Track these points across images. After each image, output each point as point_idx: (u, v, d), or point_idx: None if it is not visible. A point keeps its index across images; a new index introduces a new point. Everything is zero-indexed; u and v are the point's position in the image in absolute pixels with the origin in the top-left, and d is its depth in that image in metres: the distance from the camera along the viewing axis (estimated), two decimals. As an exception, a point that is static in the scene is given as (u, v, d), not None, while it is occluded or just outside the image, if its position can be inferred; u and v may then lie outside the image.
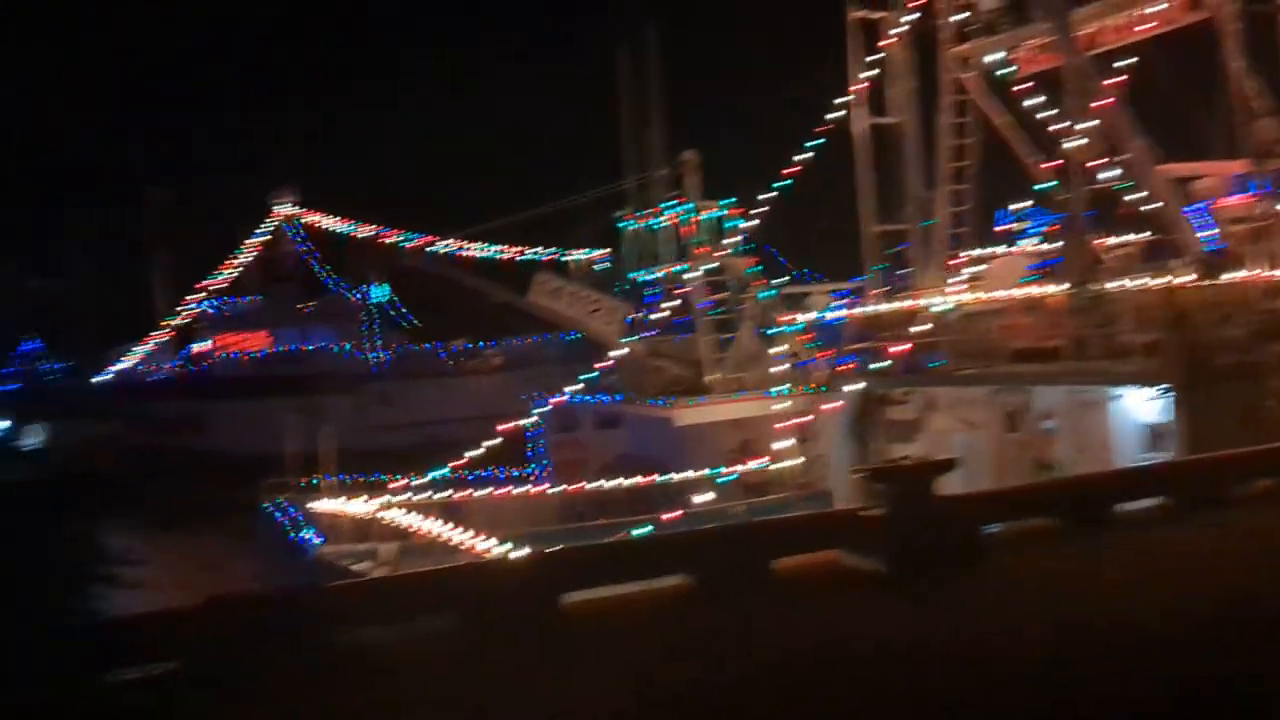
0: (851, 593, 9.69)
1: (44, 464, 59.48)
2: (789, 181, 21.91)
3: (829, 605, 9.46)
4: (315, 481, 23.19)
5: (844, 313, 20.79)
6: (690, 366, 24.16)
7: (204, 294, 55.73)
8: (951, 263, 22.14)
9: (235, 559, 32.15)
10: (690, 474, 20.61)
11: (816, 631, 8.99)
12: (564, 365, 52.50)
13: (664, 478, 20.39)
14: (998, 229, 23.65)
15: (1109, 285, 16.84)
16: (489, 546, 12.86)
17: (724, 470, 21.60)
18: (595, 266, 48.36)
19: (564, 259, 52.19)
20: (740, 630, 9.07)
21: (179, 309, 56.71)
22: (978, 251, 22.60)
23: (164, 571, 34.31)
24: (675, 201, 25.46)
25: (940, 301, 19.74)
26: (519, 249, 55.42)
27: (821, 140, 21.89)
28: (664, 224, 25.73)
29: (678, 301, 24.67)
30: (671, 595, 9.44)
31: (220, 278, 55.68)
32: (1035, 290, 17.89)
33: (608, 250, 51.72)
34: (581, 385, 25.85)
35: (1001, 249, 23.09)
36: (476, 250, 50.02)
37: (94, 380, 58.71)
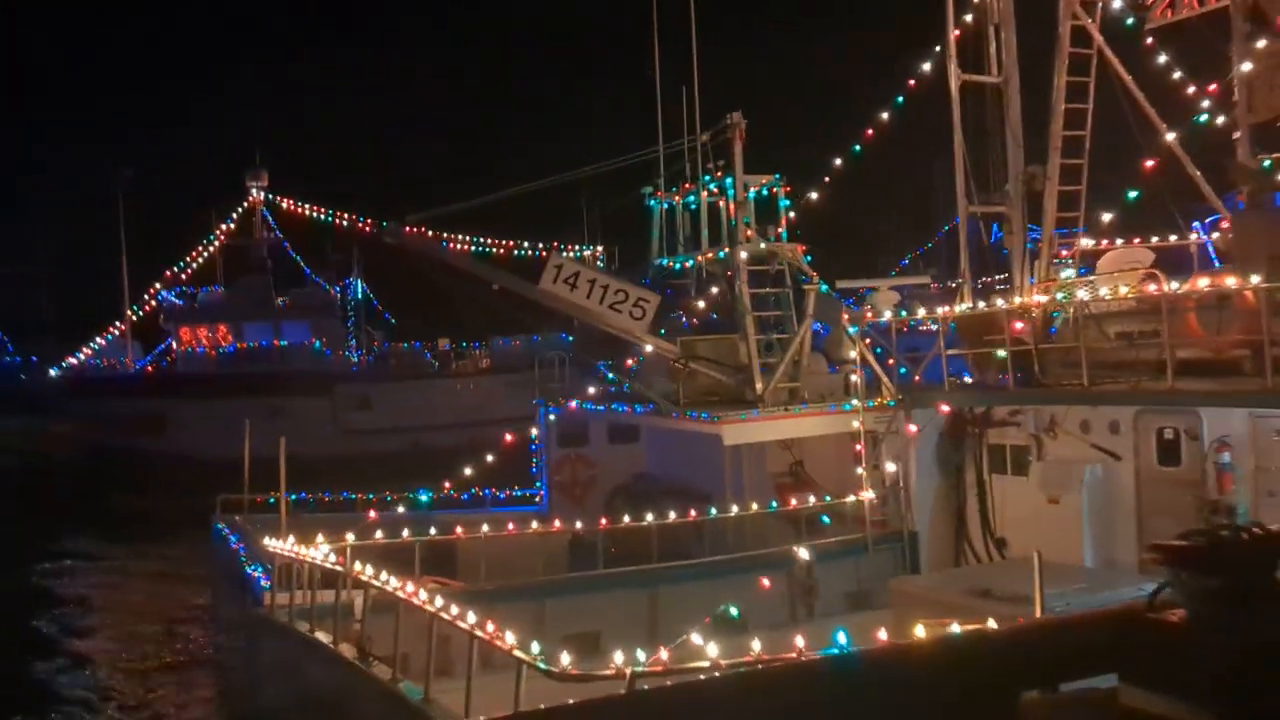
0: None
1: (-6, 463, 55.03)
2: (857, 149, 17.95)
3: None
4: (273, 500, 19.11)
5: (938, 312, 16.72)
6: (731, 372, 20.05)
7: (167, 284, 51.36)
8: (1063, 253, 18.17)
9: (186, 584, 28.00)
10: (749, 508, 16.51)
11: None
12: (558, 368, 48.66)
13: (715, 513, 16.25)
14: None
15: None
16: (502, 635, 8.66)
17: (782, 502, 17.53)
18: (599, 262, 44.32)
19: (563, 253, 48.20)
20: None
21: (142, 299, 52.37)
22: (1090, 242, 18.65)
23: (114, 594, 30.25)
24: (713, 176, 21.37)
25: (1066, 296, 15.73)
26: (509, 243, 51.29)
27: (900, 100, 17.93)
28: (700, 201, 21.64)
29: (714, 291, 20.61)
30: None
31: (184, 266, 51.35)
32: (1219, 282, 13.85)
33: (600, 250, 47.55)
34: (594, 391, 21.79)
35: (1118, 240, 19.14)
36: (464, 243, 45.84)
37: (49, 375, 54.27)
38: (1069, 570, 14.62)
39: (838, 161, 19.17)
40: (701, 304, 21.10)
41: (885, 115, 18.56)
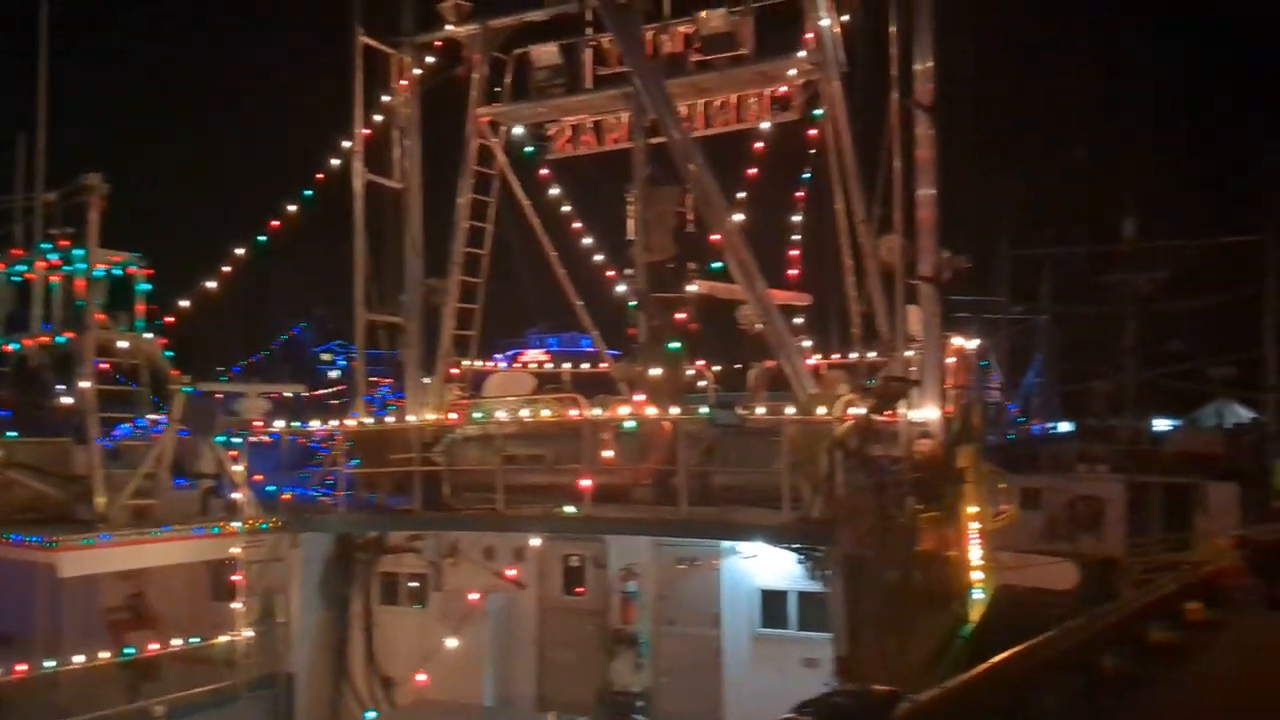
0: None
1: None
2: (262, 239, 16.12)
3: None
4: None
5: (335, 425, 15.04)
6: (64, 484, 16.51)
7: None
8: (454, 371, 17.61)
9: None
10: (82, 655, 13.15)
11: None
12: None
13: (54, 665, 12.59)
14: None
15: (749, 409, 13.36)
16: None
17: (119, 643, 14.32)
18: None
19: None
20: None
21: None
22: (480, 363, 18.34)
23: None
24: (56, 245, 17.80)
25: (485, 415, 14.90)
26: None
27: (310, 194, 16.47)
28: (36, 274, 17.87)
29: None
30: None
31: None
32: (639, 410, 13.89)
33: None
34: None
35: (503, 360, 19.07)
36: None
37: None
38: (470, 713, 13.61)
39: (239, 251, 16.86)
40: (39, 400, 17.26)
41: (293, 208, 16.75)
